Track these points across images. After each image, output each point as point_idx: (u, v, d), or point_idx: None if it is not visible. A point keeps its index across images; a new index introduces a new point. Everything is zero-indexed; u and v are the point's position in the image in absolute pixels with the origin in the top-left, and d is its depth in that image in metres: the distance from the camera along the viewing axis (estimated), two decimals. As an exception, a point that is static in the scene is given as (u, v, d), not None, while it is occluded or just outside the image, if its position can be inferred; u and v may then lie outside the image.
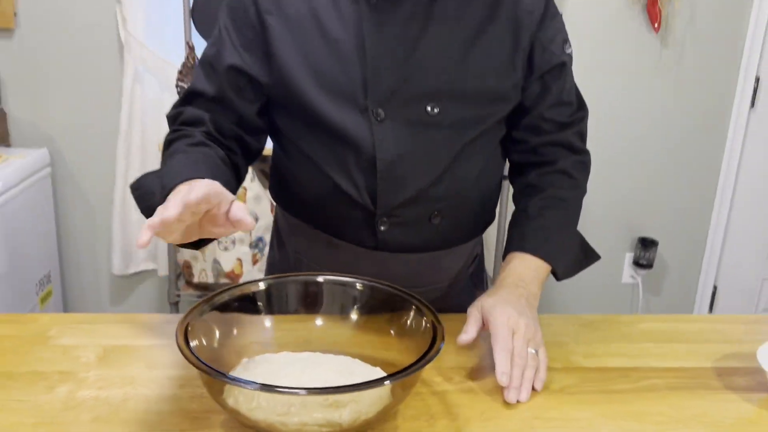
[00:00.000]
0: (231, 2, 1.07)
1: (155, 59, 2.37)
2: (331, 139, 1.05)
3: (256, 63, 1.05)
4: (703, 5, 2.55)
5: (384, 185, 1.06)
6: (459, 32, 1.04)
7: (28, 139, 2.50)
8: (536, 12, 1.07)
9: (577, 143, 1.17)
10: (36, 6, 2.38)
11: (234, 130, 1.08)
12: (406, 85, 1.03)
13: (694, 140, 2.71)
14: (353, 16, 1.02)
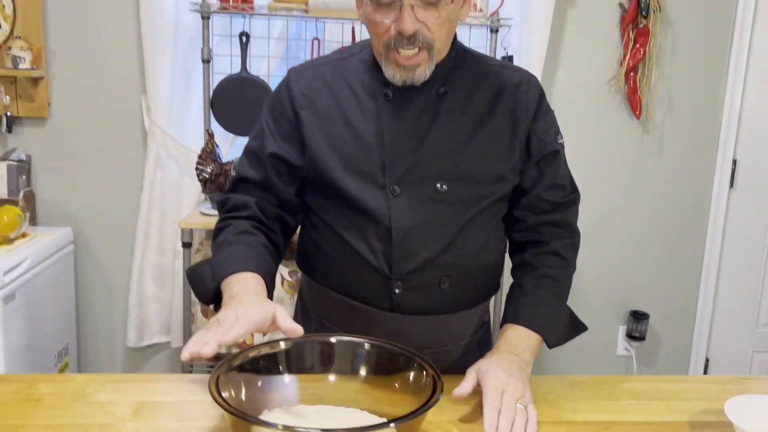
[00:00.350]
0: (271, 102, 1.27)
1: (176, 145, 2.56)
2: (353, 212, 1.21)
3: (292, 150, 1.24)
4: (680, 94, 2.76)
5: (398, 253, 1.20)
6: (463, 123, 1.21)
7: (54, 218, 2.67)
8: (531, 108, 1.25)
9: (571, 224, 1.33)
10: (68, 97, 2.59)
11: (276, 212, 1.27)
12: (419, 166, 1.19)
13: (678, 218, 2.87)
14: (373, 109, 1.20)
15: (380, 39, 1.14)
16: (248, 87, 2.50)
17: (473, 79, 1.24)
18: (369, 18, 1.15)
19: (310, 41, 2.58)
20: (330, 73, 1.25)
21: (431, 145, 1.20)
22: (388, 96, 1.20)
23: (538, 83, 1.29)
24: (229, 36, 2.53)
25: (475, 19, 2.39)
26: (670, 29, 2.70)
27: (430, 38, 1.13)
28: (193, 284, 1.22)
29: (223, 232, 1.25)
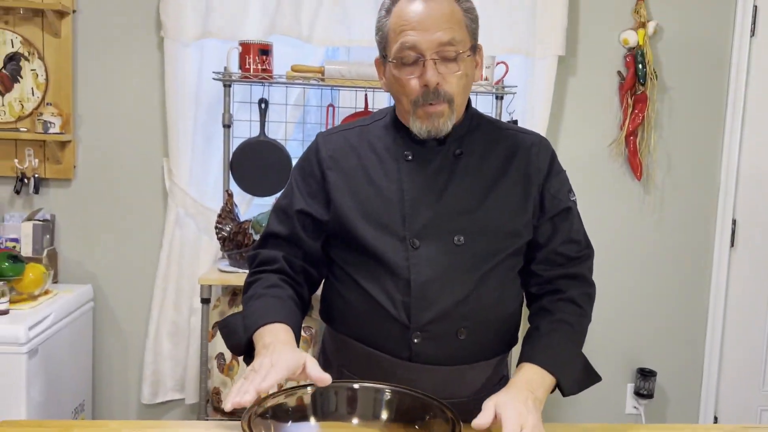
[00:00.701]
0: (300, 163, 1.39)
1: (195, 205, 2.66)
2: (374, 264, 1.29)
3: (318, 206, 1.34)
4: (678, 156, 2.88)
5: (417, 303, 1.27)
6: (479, 182, 1.31)
7: (75, 276, 2.75)
8: (543, 169, 1.35)
9: (586, 276, 1.40)
10: (93, 159, 2.72)
11: (301, 265, 1.36)
12: (437, 220, 1.28)
13: (681, 276, 2.94)
14: (394, 168, 1.31)
15: (409, 97, 1.26)
16: (266, 150, 2.62)
17: (487, 141, 1.35)
18: (395, 79, 1.27)
19: (325, 107, 2.72)
20: (355, 137, 1.36)
21: (448, 202, 1.29)
22: (408, 157, 1.31)
23: (549, 145, 1.39)
24: (249, 102, 2.67)
25: (482, 86, 2.53)
26: (666, 95, 2.84)
27: (450, 92, 1.25)
28: (226, 336, 1.30)
29: (254, 285, 1.33)
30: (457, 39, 1.23)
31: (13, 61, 2.60)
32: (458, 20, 1.25)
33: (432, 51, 1.22)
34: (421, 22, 1.22)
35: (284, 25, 2.59)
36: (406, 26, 1.23)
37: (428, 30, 1.22)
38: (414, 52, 1.23)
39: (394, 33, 1.25)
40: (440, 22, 1.22)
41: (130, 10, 2.65)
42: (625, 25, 2.78)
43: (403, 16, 1.24)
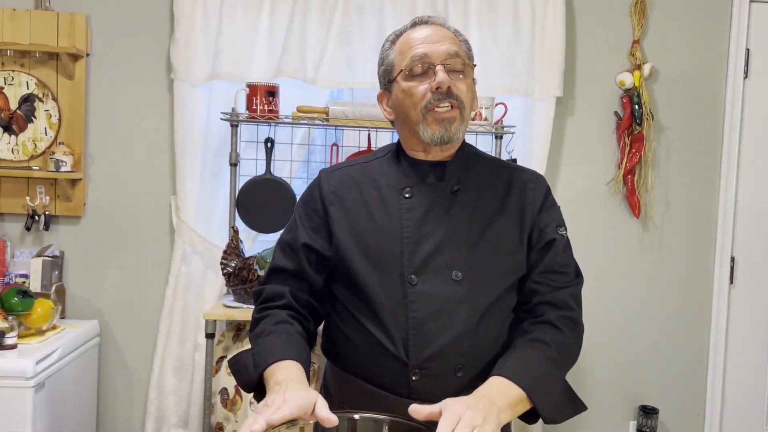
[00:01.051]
0: (304, 199, 1.43)
1: (202, 241, 2.71)
2: (373, 301, 1.31)
3: (322, 241, 1.37)
4: (676, 194, 2.93)
5: (415, 340, 1.28)
6: (476, 218, 1.34)
7: (82, 311, 2.79)
8: (537, 204, 1.38)
9: (569, 302, 1.36)
10: (103, 197, 2.78)
11: (307, 299, 1.38)
12: (435, 256, 1.30)
13: (681, 314, 2.96)
14: (395, 204, 1.34)
15: (418, 106, 1.30)
16: (271, 188, 2.69)
17: (485, 178, 1.39)
18: (405, 92, 1.32)
19: (329, 146, 2.79)
20: (358, 173, 1.40)
21: (446, 237, 1.31)
22: (407, 194, 1.34)
23: (544, 181, 1.43)
24: (255, 142, 2.75)
25: (481, 126, 2.60)
26: (663, 135, 2.90)
27: (462, 96, 1.30)
28: (236, 373, 1.31)
29: (262, 322, 1.35)
30: (461, 53, 1.33)
31: (28, 102, 2.69)
32: (457, 42, 1.36)
33: (441, 59, 1.30)
34: (428, 38, 1.32)
35: (290, 67, 2.67)
36: (414, 43, 1.32)
37: (435, 43, 1.31)
38: (425, 62, 1.30)
39: (402, 53, 1.33)
40: (444, 38, 1.33)
41: (142, 54, 2.75)
42: (621, 67, 2.87)
43: (410, 38, 1.34)
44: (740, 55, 2.89)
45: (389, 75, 1.36)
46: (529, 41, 2.73)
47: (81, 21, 2.68)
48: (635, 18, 2.85)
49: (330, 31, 2.68)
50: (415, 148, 1.38)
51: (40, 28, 2.66)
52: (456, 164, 1.37)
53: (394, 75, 1.35)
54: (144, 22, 2.74)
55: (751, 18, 2.89)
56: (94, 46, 2.74)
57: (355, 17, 2.70)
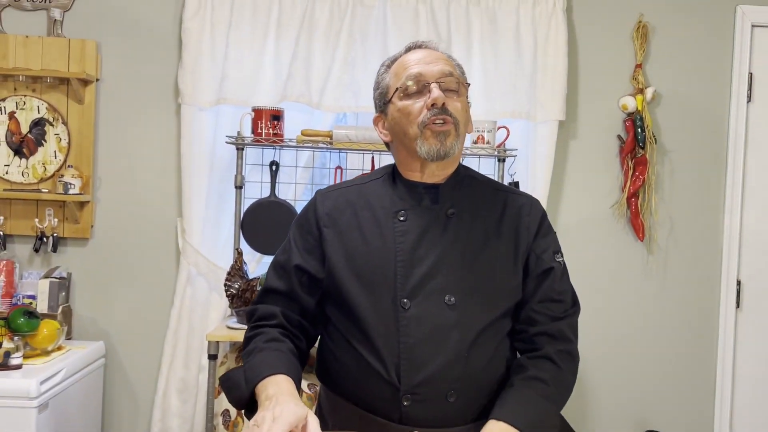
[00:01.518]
0: (299, 220, 1.44)
1: (207, 263, 2.74)
2: (365, 325, 1.31)
3: (315, 262, 1.38)
4: (680, 217, 2.92)
5: (407, 364, 1.27)
6: (470, 241, 1.34)
7: (88, 332, 2.81)
8: (532, 229, 1.38)
9: (566, 334, 1.36)
10: (110, 219, 2.82)
11: (298, 320, 1.39)
12: (428, 280, 1.30)
13: (687, 337, 2.93)
14: (389, 227, 1.35)
15: (414, 122, 1.32)
16: (276, 210, 2.71)
17: (480, 202, 1.39)
18: (401, 111, 1.34)
19: (333, 169, 2.82)
20: (353, 195, 1.41)
21: (439, 260, 1.31)
22: (401, 217, 1.35)
23: (540, 206, 1.43)
24: (260, 165, 2.78)
25: (484, 150, 2.62)
26: (666, 158, 2.91)
27: (457, 114, 1.33)
28: (227, 390, 1.31)
29: (254, 340, 1.35)
30: (455, 74, 1.36)
31: (39, 126, 2.75)
32: (451, 63, 1.39)
33: (435, 78, 1.33)
34: (423, 59, 1.36)
35: (295, 92, 2.72)
36: (409, 64, 1.36)
37: (430, 64, 1.35)
38: (420, 81, 1.33)
39: (397, 75, 1.36)
40: (438, 59, 1.36)
41: (150, 79, 2.80)
42: (624, 90, 2.88)
43: (405, 61, 1.37)
44: (743, 79, 2.90)
45: (385, 97, 1.39)
46: (531, 65, 2.76)
47: (91, 47, 2.74)
48: (637, 42, 2.87)
49: (335, 56, 2.72)
50: (411, 169, 1.39)
51: (52, 54, 2.72)
52: (451, 187, 1.38)
53: (390, 96, 1.37)
54: (152, 48, 2.80)
55: (754, 42, 2.91)
56: (103, 71, 2.80)
57: (359, 43, 2.74)
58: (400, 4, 2.74)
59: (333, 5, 2.73)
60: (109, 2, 2.78)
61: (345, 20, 2.72)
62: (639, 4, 2.88)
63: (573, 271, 1.48)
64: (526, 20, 2.75)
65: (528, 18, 2.75)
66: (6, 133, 2.74)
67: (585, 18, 2.88)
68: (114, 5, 2.78)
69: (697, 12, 2.90)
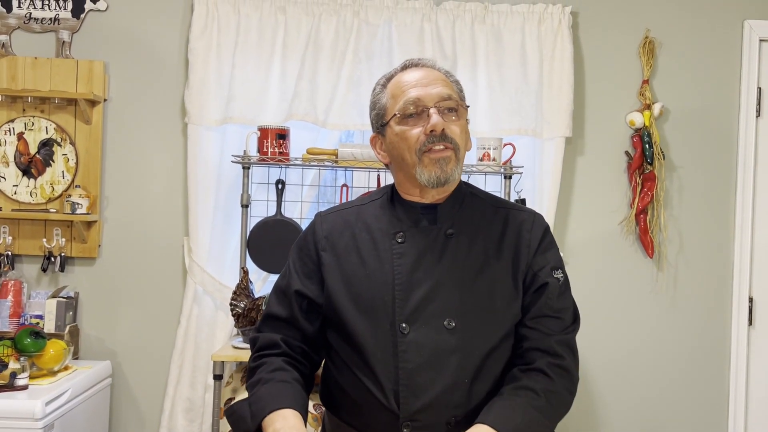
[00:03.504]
0: (298, 243, 1.43)
1: (213, 282, 2.74)
2: (364, 351, 1.29)
3: (314, 287, 1.36)
4: (690, 234, 2.89)
5: (406, 391, 1.25)
6: (470, 262, 1.32)
7: (95, 352, 2.81)
8: (533, 246, 1.35)
9: (558, 350, 1.31)
10: (117, 239, 2.83)
11: (300, 347, 1.37)
12: (427, 303, 1.28)
13: (698, 356, 2.89)
14: (387, 249, 1.33)
15: (413, 149, 1.30)
16: (282, 228, 2.71)
17: (480, 220, 1.36)
18: (399, 135, 1.31)
19: (339, 187, 2.82)
20: (353, 216, 1.40)
21: (439, 284, 1.29)
22: (399, 239, 1.33)
23: (542, 221, 1.39)
24: (266, 183, 2.78)
25: (490, 167, 2.61)
26: (675, 174, 2.88)
27: (456, 138, 1.30)
28: (233, 423, 1.30)
29: (258, 370, 1.34)
30: (454, 96, 1.33)
31: (47, 147, 2.77)
32: (449, 84, 1.35)
33: (434, 102, 1.30)
34: (420, 81, 1.33)
35: (301, 111, 2.72)
36: (407, 86, 1.32)
37: (427, 86, 1.31)
38: (418, 105, 1.30)
39: (395, 97, 1.33)
40: (436, 80, 1.33)
41: (157, 99, 2.82)
42: (631, 106, 2.87)
43: (402, 82, 1.34)
44: (752, 93, 2.87)
45: (382, 119, 1.36)
46: (537, 82, 2.75)
47: (99, 68, 2.77)
48: (644, 58, 2.86)
49: (340, 75, 2.73)
50: (410, 192, 1.37)
51: (60, 75, 2.75)
52: (450, 206, 1.36)
53: (387, 119, 1.35)
54: (159, 68, 2.82)
55: (762, 56, 2.89)
56: (111, 91, 2.82)
57: (364, 62, 2.75)
58: (405, 23, 2.74)
59: (338, 25, 2.74)
60: (117, 24, 2.81)
61: (350, 39, 2.73)
62: (645, 20, 2.87)
63: (582, 288, 1.45)
64: (532, 37, 2.75)
65: (533, 35, 2.75)
66: (15, 154, 2.76)
67: (591, 34, 2.87)
68: (122, 27, 2.81)
69: (704, 27, 2.88)
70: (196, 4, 2.72)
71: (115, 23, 2.81)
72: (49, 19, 2.78)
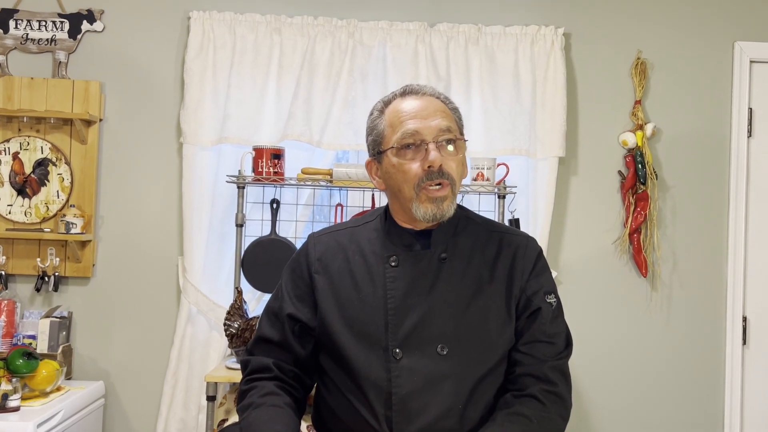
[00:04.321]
0: (291, 264, 1.42)
1: (207, 302, 2.73)
2: (356, 375, 1.28)
3: (306, 310, 1.36)
4: (683, 253, 2.90)
5: (398, 417, 1.24)
6: (463, 287, 1.31)
7: (88, 372, 2.80)
8: (526, 271, 1.35)
9: (551, 377, 1.31)
10: (112, 258, 2.82)
11: (292, 370, 1.37)
12: (420, 328, 1.27)
13: (693, 376, 2.88)
14: (380, 273, 1.33)
15: (410, 183, 1.29)
16: (276, 248, 2.71)
17: (474, 244, 1.36)
18: (396, 167, 1.31)
19: (334, 207, 2.82)
20: (346, 238, 1.40)
21: (432, 308, 1.28)
22: (393, 263, 1.33)
23: (535, 245, 1.39)
24: (261, 203, 2.79)
25: (483, 187, 2.62)
26: (668, 194, 2.90)
27: (453, 174, 1.30)
28: None
29: (249, 394, 1.33)
30: (453, 128, 1.32)
31: (42, 166, 2.77)
32: (449, 115, 1.34)
33: (433, 136, 1.29)
34: (420, 112, 1.31)
35: (296, 131, 2.73)
36: (405, 117, 1.31)
37: (427, 118, 1.30)
38: (416, 138, 1.29)
39: (392, 126, 1.32)
40: (436, 112, 1.32)
41: (153, 119, 2.83)
42: (624, 126, 2.89)
43: (400, 111, 1.33)
44: (743, 114, 2.90)
45: (379, 146, 1.35)
46: (531, 103, 2.77)
47: (95, 88, 2.78)
48: (636, 79, 2.88)
49: (335, 95, 2.75)
50: (404, 220, 1.37)
51: (56, 95, 2.76)
52: (444, 230, 1.35)
53: (384, 148, 1.34)
54: (155, 88, 2.83)
55: (753, 77, 2.92)
56: (107, 111, 2.83)
57: (359, 83, 2.77)
58: (400, 45, 2.77)
59: (333, 46, 2.76)
60: (114, 44, 2.83)
61: (345, 60, 2.75)
62: (637, 41, 2.90)
63: (576, 307, 1.45)
64: (525, 59, 2.77)
65: (527, 57, 2.77)
66: (10, 174, 2.76)
67: (583, 55, 2.90)
68: (118, 47, 2.83)
69: (695, 48, 2.92)
70: (193, 25, 2.74)
71: (112, 44, 2.83)
72: (46, 40, 2.79)
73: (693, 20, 2.92)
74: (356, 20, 2.78)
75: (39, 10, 2.80)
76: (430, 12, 2.84)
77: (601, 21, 2.90)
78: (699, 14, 2.92)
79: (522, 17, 2.84)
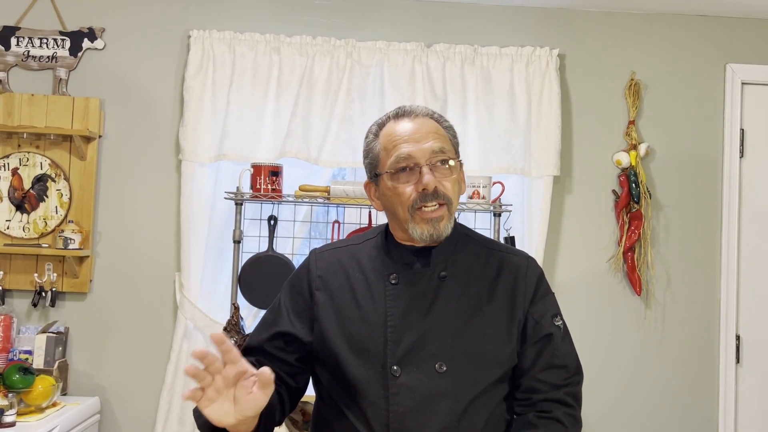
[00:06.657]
0: (292, 279, 1.44)
1: (203, 318, 2.74)
2: (355, 392, 1.29)
3: (302, 326, 1.37)
4: (677, 271, 2.92)
5: None
6: (463, 305, 1.32)
7: (84, 388, 2.79)
8: (529, 292, 1.36)
9: (570, 401, 1.34)
10: (109, 274, 2.83)
11: (277, 372, 1.33)
12: (419, 346, 1.28)
13: (686, 394, 2.90)
14: (380, 291, 1.34)
15: (405, 205, 1.30)
16: (274, 264, 2.73)
17: (474, 262, 1.37)
18: (391, 190, 1.32)
19: (331, 224, 2.85)
20: (347, 256, 1.41)
21: (431, 327, 1.29)
22: (393, 281, 1.34)
23: (536, 267, 1.40)
24: (258, 219, 2.81)
25: (479, 205, 2.65)
26: (662, 213, 2.93)
27: (448, 194, 1.30)
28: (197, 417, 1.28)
29: None
30: (447, 148, 1.33)
31: (41, 182, 2.79)
32: (443, 135, 1.35)
33: (426, 158, 1.30)
34: (413, 135, 1.32)
35: (294, 148, 2.76)
36: (399, 140, 1.32)
37: (420, 141, 1.31)
38: (409, 162, 1.30)
39: (387, 150, 1.33)
40: (429, 133, 1.32)
41: (152, 136, 2.85)
42: (618, 146, 2.93)
43: (393, 134, 1.34)
44: (735, 135, 2.94)
45: (375, 169, 1.37)
46: (526, 122, 2.81)
47: (95, 105, 2.81)
48: (630, 99, 2.93)
49: (333, 113, 2.78)
50: (403, 237, 1.38)
51: (56, 111, 2.79)
52: (443, 248, 1.36)
53: (380, 171, 1.35)
54: (155, 105, 2.86)
55: (744, 99, 2.96)
56: (106, 128, 2.85)
57: (357, 101, 2.80)
58: (397, 64, 2.81)
59: (331, 65, 2.80)
60: (114, 62, 2.86)
61: (343, 79, 2.79)
62: (631, 62, 2.95)
63: (570, 325, 1.46)
64: (520, 79, 2.81)
65: (522, 77, 2.82)
66: (8, 189, 2.78)
67: (578, 76, 2.94)
68: (118, 65, 2.86)
69: (688, 70, 2.97)
70: (193, 43, 2.78)
71: (112, 61, 2.86)
72: (47, 57, 2.82)
73: (685, 42, 2.97)
74: (354, 40, 2.82)
75: (40, 28, 2.84)
76: (427, 33, 2.89)
77: (595, 43, 2.95)
78: (691, 36, 2.97)
79: (517, 38, 2.89)
